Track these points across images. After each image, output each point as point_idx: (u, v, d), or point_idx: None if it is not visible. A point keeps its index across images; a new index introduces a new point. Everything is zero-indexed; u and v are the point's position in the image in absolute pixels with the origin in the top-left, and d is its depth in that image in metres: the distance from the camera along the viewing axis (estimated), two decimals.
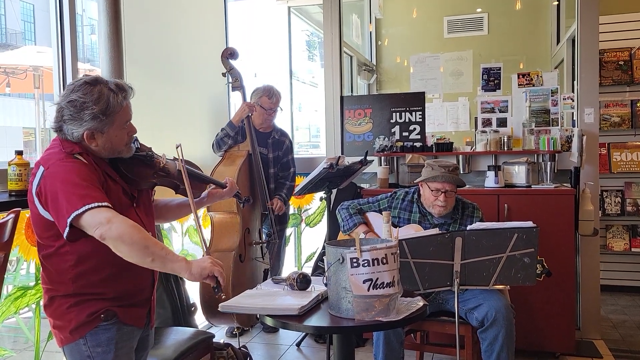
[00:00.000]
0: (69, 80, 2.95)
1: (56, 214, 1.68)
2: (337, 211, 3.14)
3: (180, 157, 1.96)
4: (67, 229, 1.65)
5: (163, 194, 2.21)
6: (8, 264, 1.94)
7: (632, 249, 4.96)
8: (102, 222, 1.63)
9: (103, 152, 1.82)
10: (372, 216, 3.08)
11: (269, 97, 3.84)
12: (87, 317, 1.77)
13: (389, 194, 3.12)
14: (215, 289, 1.76)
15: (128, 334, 1.86)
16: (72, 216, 1.63)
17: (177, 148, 1.97)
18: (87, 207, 1.64)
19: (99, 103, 1.75)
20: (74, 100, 1.74)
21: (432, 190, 2.86)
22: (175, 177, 2.01)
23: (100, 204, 1.66)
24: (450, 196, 2.86)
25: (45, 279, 1.82)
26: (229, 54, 3.68)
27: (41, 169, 1.73)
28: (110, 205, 1.69)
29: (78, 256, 1.76)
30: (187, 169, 2.01)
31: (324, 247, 3.77)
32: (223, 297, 1.80)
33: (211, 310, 3.42)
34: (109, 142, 1.81)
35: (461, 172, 3.98)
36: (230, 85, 3.73)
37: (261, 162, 3.74)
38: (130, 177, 1.89)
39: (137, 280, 1.88)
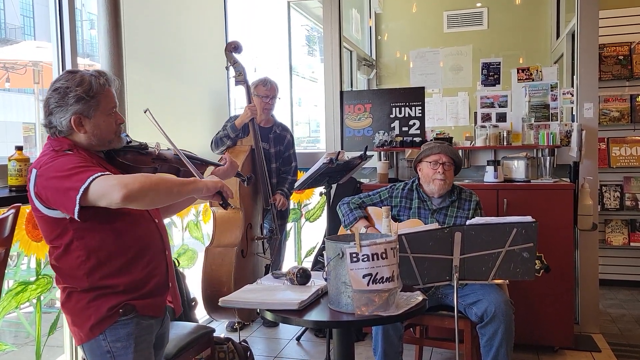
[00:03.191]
0: None
1: (61, 199, 1.68)
2: (337, 207, 3.15)
3: (153, 122, 1.96)
4: (77, 207, 1.64)
5: None
6: (9, 259, 1.95)
7: (631, 244, 4.97)
8: (115, 185, 1.62)
9: (93, 140, 1.84)
10: (373, 210, 3.09)
11: (263, 85, 3.87)
12: (106, 312, 1.78)
13: (389, 185, 3.16)
14: (223, 204, 1.91)
15: (147, 329, 1.87)
16: (80, 192, 1.62)
17: (145, 112, 1.98)
18: (92, 177, 1.64)
19: (82, 85, 1.79)
20: (57, 87, 1.80)
21: (430, 163, 2.94)
22: (174, 162, 2.03)
23: (103, 173, 1.67)
24: (449, 169, 2.93)
25: (60, 280, 1.84)
26: (232, 48, 3.65)
27: (34, 171, 1.76)
28: (112, 174, 1.71)
29: (87, 251, 1.77)
30: (184, 153, 2.03)
31: (323, 242, 3.78)
32: (233, 207, 1.97)
33: (213, 305, 3.43)
34: (97, 129, 1.83)
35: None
36: (234, 79, 3.72)
37: (263, 156, 3.74)
38: (130, 165, 1.91)
39: (150, 266, 1.88)
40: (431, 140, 4.10)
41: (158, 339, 1.97)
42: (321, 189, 3.78)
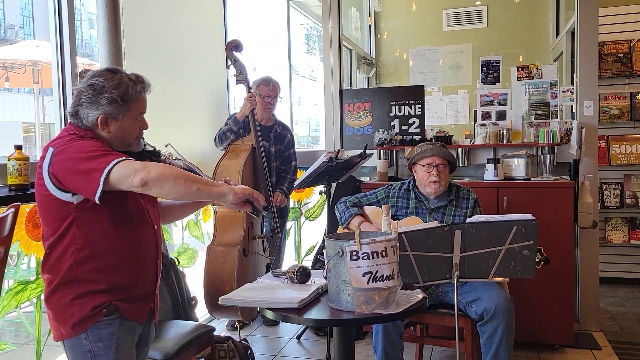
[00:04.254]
0: (68, 74, 2.96)
1: (82, 180, 1.67)
2: (335, 207, 3.15)
3: (177, 154, 1.98)
4: (101, 188, 1.63)
5: None
6: (9, 258, 1.95)
7: (631, 241, 4.97)
8: (138, 169, 1.63)
9: (114, 141, 1.83)
10: (369, 209, 3.09)
11: (265, 85, 3.86)
12: (90, 311, 1.76)
13: (386, 185, 3.16)
14: (254, 212, 1.86)
15: (129, 329, 1.85)
16: (105, 173, 1.62)
17: (166, 146, 2.01)
18: (116, 160, 1.65)
19: (118, 89, 1.79)
20: (94, 84, 1.79)
21: (424, 167, 2.93)
22: None
23: (126, 158, 1.68)
24: (443, 171, 2.92)
25: (47, 267, 1.81)
26: (233, 46, 3.65)
27: (50, 149, 1.74)
28: (134, 159, 1.71)
29: (84, 240, 1.76)
30: (193, 170, 2.04)
31: (323, 241, 3.78)
32: (265, 214, 1.90)
33: (215, 303, 3.43)
34: (120, 131, 1.83)
35: (460, 165, 3.99)
36: (235, 78, 3.72)
37: (264, 155, 3.74)
38: None
39: (140, 271, 1.88)
40: (430, 138, 4.10)
41: (142, 337, 1.95)
42: (321, 187, 3.77)
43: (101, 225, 1.76)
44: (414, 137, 4.18)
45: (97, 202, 1.66)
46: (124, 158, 1.67)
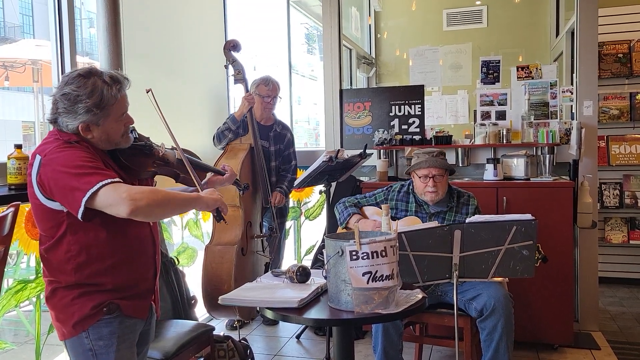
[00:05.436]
0: None
1: (66, 196, 1.66)
2: (334, 207, 3.15)
3: (155, 105, 1.93)
4: (82, 208, 1.62)
5: (163, 184, 2.21)
6: (8, 257, 1.95)
7: (631, 242, 4.98)
8: (124, 199, 1.60)
9: (100, 143, 1.81)
10: (368, 210, 3.09)
11: (265, 85, 3.86)
12: (90, 310, 1.76)
13: (385, 187, 3.15)
14: (217, 217, 1.91)
15: (130, 327, 1.86)
16: (87, 195, 1.61)
17: (147, 92, 1.94)
18: (101, 184, 1.62)
19: (93, 96, 1.72)
20: (67, 93, 1.72)
21: (420, 177, 2.92)
22: (175, 166, 2.01)
23: (112, 180, 1.65)
24: (440, 181, 2.90)
25: (46, 272, 1.82)
26: (231, 46, 3.66)
27: (38, 157, 1.72)
28: (121, 180, 1.69)
29: (80, 246, 1.75)
30: (186, 157, 2.01)
31: (323, 240, 3.78)
32: (226, 223, 1.99)
33: (213, 303, 3.44)
34: (104, 134, 1.79)
35: (460, 165, 3.98)
36: (233, 77, 3.73)
37: (263, 155, 3.75)
38: (130, 166, 1.89)
39: (139, 270, 1.88)
40: (430, 138, 4.10)
41: (142, 334, 1.96)
42: (321, 187, 3.78)
43: (95, 230, 1.75)
44: (414, 137, 4.18)
45: (80, 219, 1.65)
46: (109, 181, 1.63)
